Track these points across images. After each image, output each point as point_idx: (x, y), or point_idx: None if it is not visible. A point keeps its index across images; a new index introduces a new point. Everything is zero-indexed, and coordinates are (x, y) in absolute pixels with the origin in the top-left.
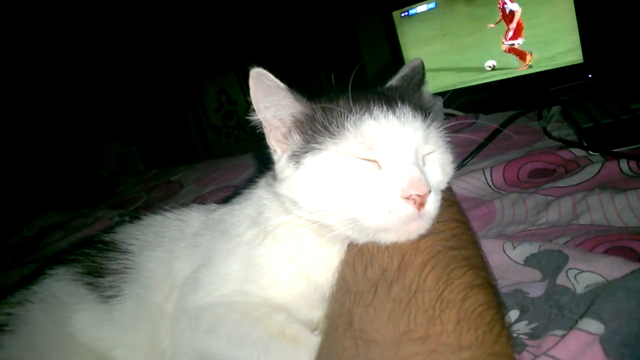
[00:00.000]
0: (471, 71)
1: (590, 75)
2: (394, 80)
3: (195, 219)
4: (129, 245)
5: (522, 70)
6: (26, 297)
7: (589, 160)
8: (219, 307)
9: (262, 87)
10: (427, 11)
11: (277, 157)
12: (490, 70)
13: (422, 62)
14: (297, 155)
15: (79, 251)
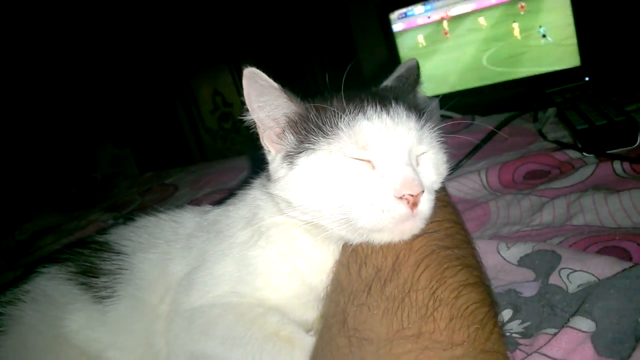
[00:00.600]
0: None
1: (587, 78)
2: (389, 80)
3: (189, 221)
4: (123, 246)
5: (520, 73)
6: (18, 296)
7: (583, 161)
8: (214, 308)
9: (256, 86)
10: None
11: (271, 157)
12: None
13: (417, 63)
14: (291, 155)
15: (73, 250)
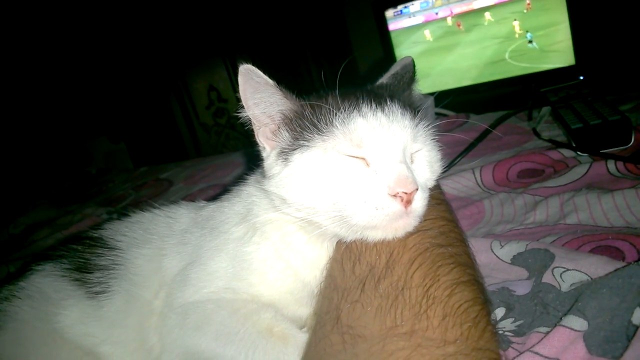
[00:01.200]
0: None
1: (581, 77)
2: (385, 78)
3: (184, 216)
4: (117, 241)
5: (515, 71)
6: (13, 292)
7: (577, 160)
8: (207, 304)
9: (251, 83)
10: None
11: (266, 154)
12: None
13: (412, 61)
14: (286, 152)
15: (67, 247)
